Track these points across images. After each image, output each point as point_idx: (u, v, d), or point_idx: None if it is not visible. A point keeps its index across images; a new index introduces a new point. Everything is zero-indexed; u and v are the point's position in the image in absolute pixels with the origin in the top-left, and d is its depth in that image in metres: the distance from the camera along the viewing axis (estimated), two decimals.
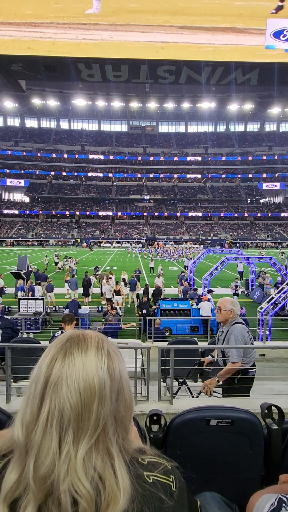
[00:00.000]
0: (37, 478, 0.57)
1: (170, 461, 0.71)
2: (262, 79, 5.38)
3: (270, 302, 10.98)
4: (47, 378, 0.63)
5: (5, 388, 4.33)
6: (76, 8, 4.33)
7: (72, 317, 4.51)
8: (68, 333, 0.72)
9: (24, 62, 4.84)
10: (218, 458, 1.55)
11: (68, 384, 0.61)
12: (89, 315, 12.29)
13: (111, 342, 0.73)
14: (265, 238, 63.48)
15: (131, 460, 0.66)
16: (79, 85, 53.66)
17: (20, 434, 0.61)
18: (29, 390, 0.65)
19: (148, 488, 0.63)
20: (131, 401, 0.71)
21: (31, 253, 38.57)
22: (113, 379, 0.66)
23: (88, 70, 4.99)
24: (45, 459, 0.58)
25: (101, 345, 0.69)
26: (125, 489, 0.60)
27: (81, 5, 4.32)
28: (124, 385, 0.69)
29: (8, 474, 0.61)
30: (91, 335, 0.71)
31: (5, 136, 73.56)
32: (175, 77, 5.30)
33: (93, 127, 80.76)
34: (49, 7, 4.31)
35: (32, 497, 0.57)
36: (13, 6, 4.31)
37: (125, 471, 0.62)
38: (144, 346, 5.32)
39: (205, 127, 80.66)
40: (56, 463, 0.58)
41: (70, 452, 0.59)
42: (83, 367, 0.63)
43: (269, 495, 0.84)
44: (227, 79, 5.33)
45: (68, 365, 0.63)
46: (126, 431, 0.68)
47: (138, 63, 4.79)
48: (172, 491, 0.65)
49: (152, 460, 0.68)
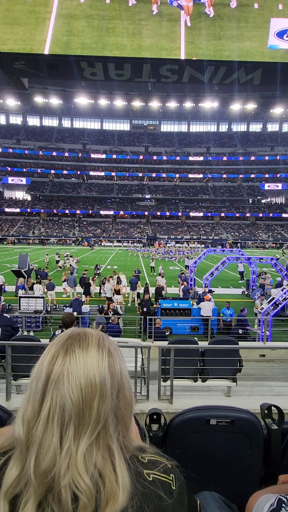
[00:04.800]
0: (38, 473, 0.58)
1: (170, 460, 0.71)
2: (265, 79, 5.37)
3: (271, 302, 10.98)
4: (49, 374, 0.63)
5: (5, 386, 4.34)
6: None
7: (72, 320, 4.49)
8: (69, 331, 0.72)
9: (27, 60, 4.83)
10: (218, 457, 1.55)
11: (70, 380, 0.62)
12: (89, 314, 12.30)
13: (111, 340, 0.73)
14: (267, 238, 63.40)
15: (131, 457, 0.66)
16: (82, 83, 53.64)
17: (21, 430, 0.61)
18: (30, 387, 0.65)
19: (148, 486, 0.63)
20: (131, 399, 0.71)
21: (32, 251, 38.60)
22: (114, 376, 0.67)
23: (91, 68, 4.98)
24: (46, 454, 0.58)
25: (102, 343, 0.70)
26: (125, 486, 0.60)
27: None
28: (124, 383, 0.69)
29: (9, 470, 0.61)
30: (92, 333, 0.72)
31: (7, 134, 73.57)
32: (178, 76, 5.29)
33: (95, 125, 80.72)
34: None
35: (33, 493, 0.58)
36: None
37: (125, 468, 0.63)
38: (145, 345, 5.32)
39: (208, 126, 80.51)
40: (57, 458, 0.58)
41: (71, 447, 0.59)
42: (84, 364, 0.64)
43: (269, 495, 0.84)
44: (230, 79, 5.32)
45: (70, 362, 0.64)
46: (126, 428, 0.69)
47: (141, 62, 4.78)
48: (171, 489, 0.66)
49: (152, 459, 0.69)
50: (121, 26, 5.19)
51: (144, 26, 5.06)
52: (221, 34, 5.13)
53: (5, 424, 0.76)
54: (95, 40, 5.06)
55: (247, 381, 5.81)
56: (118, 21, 5.03)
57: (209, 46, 4.89)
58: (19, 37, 4.84)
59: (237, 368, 5.31)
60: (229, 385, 5.36)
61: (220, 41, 5.16)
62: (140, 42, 5.00)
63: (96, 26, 5.06)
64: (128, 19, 5.16)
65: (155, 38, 5.12)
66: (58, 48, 5.08)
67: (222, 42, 5.17)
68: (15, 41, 4.99)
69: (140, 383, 4.77)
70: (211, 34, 5.11)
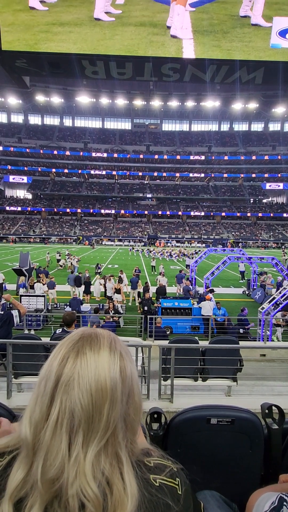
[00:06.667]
0: (45, 480, 0.56)
1: (176, 463, 0.70)
2: (267, 78, 5.34)
3: (272, 302, 10.97)
4: (58, 377, 0.61)
5: (6, 384, 4.35)
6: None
7: (73, 319, 4.49)
8: (80, 331, 0.70)
9: (28, 58, 4.83)
10: (218, 457, 1.55)
11: (80, 384, 0.60)
12: (90, 313, 12.30)
13: (122, 342, 0.71)
14: (268, 238, 63.33)
15: (137, 462, 0.65)
16: (83, 82, 53.58)
17: (28, 432, 0.60)
18: (38, 387, 0.63)
19: (155, 494, 0.62)
20: (141, 404, 0.69)
21: (33, 250, 38.65)
22: (125, 381, 0.65)
23: (92, 67, 4.97)
24: (54, 461, 0.57)
25: (114, 346, 0.68)
26: (133, 494, 0.59)
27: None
28: (134, 388, 0.67)
29: (14, 472, 0.60)
30: (104, 334, 0.70)
31: (9, 132, 73.59)
32: (180, 75, 5.27)
33: (97, 124, 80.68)
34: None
35: (39, 499, 0.56)
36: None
37: (133, 475, 0.61)
38: (145, 344, 5.32)
39: (209, 126, 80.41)
40: (65, 465, 0.57)
41: (79, 455, 0.58)
42: (95, 367, 0.62)
43: (270, 494, 0.84)
44: (232, 78, 5.30)
45: (81, 365, 0.62)
46: (134, 434, 0.67)
47: (142, 60, 4.77)
48: (178, 495, 0.65)
49: (158, 463, 0.67)
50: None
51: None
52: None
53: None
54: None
55: (248, 380, 5.81)
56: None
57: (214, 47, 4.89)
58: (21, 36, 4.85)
59: (238, 367, 5.31)
60: (229, 385, 5.36)
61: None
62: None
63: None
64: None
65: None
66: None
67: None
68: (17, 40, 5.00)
69: (141, 382, 4.77)
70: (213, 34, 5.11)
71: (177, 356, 4.50)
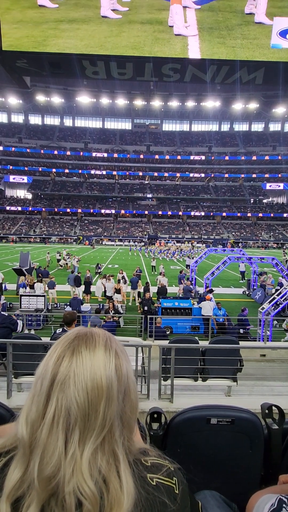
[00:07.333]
0: (42, 478, 0.56)
1: (173, 462, 0.70)
2: (268, 79, 5.34)
3: (272, 302, 10.97)
4: (54, 375, 0.62)
5: (6, 383, 4.35)
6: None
7: (73, 318, 4.50)
8: (76, 330, 0.70)
9: (29, 59, 4.83)
10: (218, 457, 1.55)
11: (76, 383, 0.61)
12: (90, 313, 12.30)
13: (118, 341, 0.72)
14: (268, 238, 63.31)
15: (134, 461, 0.65)
16: (84, 82, 53.57)
17: (25, 431, 0.60)
18: (34, 387, 0.64)
19: (152, 492, 0.62)
20: (137, 402, 0.70)
21: (33, 250, 38.65)
22: (121, 379, 0.65)
23: (93, 67, 4.97)
24: (51, 459, 0.57)
25: (109, 344, 0.68)
26: (129, 492, 0.59)
27: None
28: (130, 386, 0.68)
29: (11, 472, 0.60)
30: (99, 333, 0.70)
31: (9, 132, 73.59)
32: (180, 76, 5.27)
33: (97, 124, 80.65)
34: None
35: (36, 497, 0.57)
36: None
37: (130, 473, 0.62)
38: (145, 344, 5.32)
39: (209, 126, 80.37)
40: (61, 463, 0.57)
41: (76, 452, 0.58)
42: (91, 366, 0.63)
43: (269, 496, 0.84)
44: (232, 78, 5.30)
45: (76, 364, 0.62)
46: (131, 432, 0.68)
47: (143, 60, 4.77)
48: (175, 494, 0.65)
49: (155, 462, 0.68)
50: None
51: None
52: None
53: (6, 422, 0.76)
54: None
55: (248, 380, 5.81)
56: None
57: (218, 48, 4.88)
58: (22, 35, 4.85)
59: (238, 367, 5.31)
60: (229, 385, 5.36)
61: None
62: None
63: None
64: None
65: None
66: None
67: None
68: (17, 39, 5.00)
69: (141, 382, 4.77)
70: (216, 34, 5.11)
71: (177, 356, 4.50)
